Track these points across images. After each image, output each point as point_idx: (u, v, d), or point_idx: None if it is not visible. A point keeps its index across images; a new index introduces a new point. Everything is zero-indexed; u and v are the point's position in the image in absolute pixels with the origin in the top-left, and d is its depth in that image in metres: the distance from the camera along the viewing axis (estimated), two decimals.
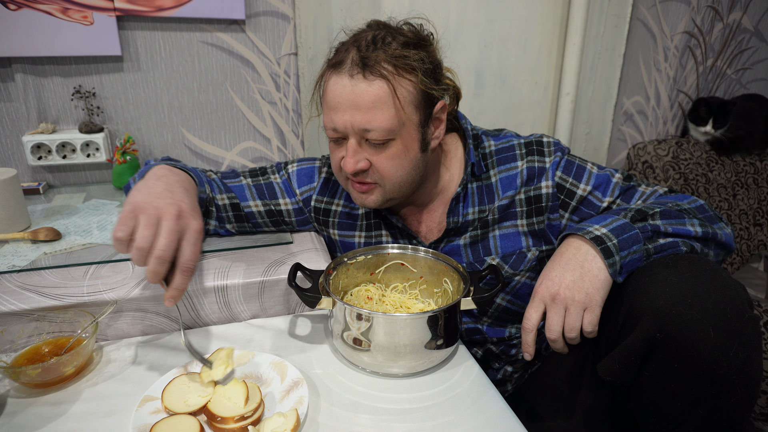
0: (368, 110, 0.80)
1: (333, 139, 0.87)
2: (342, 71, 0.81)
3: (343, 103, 0.81)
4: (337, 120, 0.83)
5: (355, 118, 0.81)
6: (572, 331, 0.74)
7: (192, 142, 1.47)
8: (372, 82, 0.80)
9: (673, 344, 0.65)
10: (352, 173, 0.85)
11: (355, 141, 0.84)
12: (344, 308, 0.75)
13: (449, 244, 0.97)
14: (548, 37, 1.74)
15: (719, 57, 1.93)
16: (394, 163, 0.85)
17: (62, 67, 1.30)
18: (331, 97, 0.83)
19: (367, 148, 0.84)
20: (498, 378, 1.03)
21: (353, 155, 0.84)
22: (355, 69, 0.80)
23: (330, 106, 0.83)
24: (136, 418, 0.64)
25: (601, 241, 0.74)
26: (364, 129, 0.81)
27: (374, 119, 0.81)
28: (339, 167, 0.89)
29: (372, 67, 0.80)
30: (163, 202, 0.74)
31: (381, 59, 0.80)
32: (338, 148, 0.87)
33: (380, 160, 0.85)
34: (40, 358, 0.73)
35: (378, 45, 0.81)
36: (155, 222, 0.71)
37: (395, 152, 0.85)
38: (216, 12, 1.34)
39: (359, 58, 0.80)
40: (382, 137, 0.82)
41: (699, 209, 0.83)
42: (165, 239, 0.70)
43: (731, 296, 0.65)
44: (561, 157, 0.93)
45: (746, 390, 0.65)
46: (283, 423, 0.63)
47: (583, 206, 0.91)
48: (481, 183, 0.96)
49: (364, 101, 0.80)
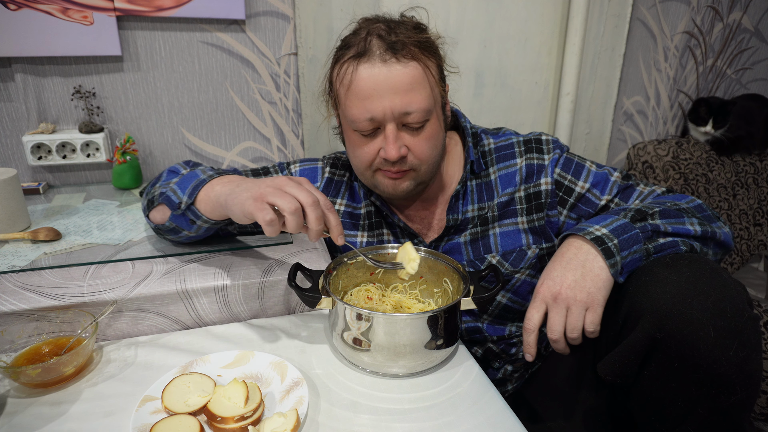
0: (407, 92, 0.80)
1: (366, 131, 0.84)
2: (372, 58, 0.80)
3: (380, 89, 0.80)
4: (374, 107, 0.81)
5: (395, 102, 0.80)
6: (574, 331, 0.74)
7: (192, 142, 1.47)
8: (406, 64, 0.80)
9: (673, 343, 0.65)
10: (395, 160, 0.84)
11: (394, 127, 0.82)
12: (344, 308, 0.75)
13: (449, 242, 0.97)
14: (548, 37, 1.74)
15: (719, 57, 1.93)
16: (430, 144, 0.85)
17: (62, 67, 1.30)
18: (364, 86, 0.81)
19: (404, 133, 0.84)
20: (498, 377, 1.03)
21: (395, 141, 0.83)
22: (387, 54, 0.79)
23: (363, 96, 0.81)
24: (136, 418, 0.64)
25: (602, 242, 0.74)
26: (404, 112, 0.81)
27: (414, 101, 0.80)
28: (369, 161, 0.87)
29: (402, 50, 0.79)
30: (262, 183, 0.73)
31: (408, 42, 0.80)
32: (369, 141, 0.85)
33: (418, 143, 0.84)
34: (40, 358, 0.73)
35: (397, 30, 0.81)
36: (281, 192, 0.71)
37: (430, 133, 0.85)
38: (216, 12, 1.34)
39: (386, 44, 0.80)
40: (421, 119, 0.82)
41: (697, 209, 0.83)
42: (303, 191, 0.70)
43: (731, 295, 0.65)
44: (560, 155, 0.94)
45: (746, 389, 0.65)
46: (283, 423, 0.63)
47: (581, 203, 0.91)
48: (481, 180, 0.96)
49: (402, 84, 0.80)
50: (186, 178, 0.85)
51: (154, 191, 0.91)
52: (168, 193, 0.85)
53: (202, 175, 0.84)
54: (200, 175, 0.84)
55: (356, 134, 0.86)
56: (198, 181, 0.82)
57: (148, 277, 0.86)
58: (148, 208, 0.92)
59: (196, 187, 0.82)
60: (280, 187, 0.71)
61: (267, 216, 0.69)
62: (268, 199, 0.70)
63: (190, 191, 0.82)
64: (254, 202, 0.70)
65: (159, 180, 0.93)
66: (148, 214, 0.94)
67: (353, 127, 0.85)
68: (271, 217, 0.69)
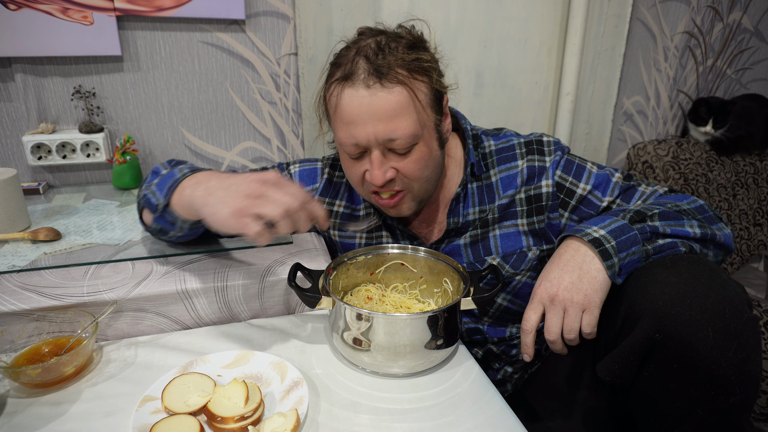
0: (391, 119, 0.78)
1: (353, 155, 0.84)
2: (356, 83, 0.78)
3: (363, 115, 0.78)
4: (358, 134, 0.80)
5: (378, 129, 0.79)
6: (571, 332, 0.74)
7: (192, 142, 1.47)
8: (391, 89, 0.77)
9: (672, 345, 0.65)
10: (381, 185, 0.83)
11: (379, 152, 0.81)
12: (344, 308, 0.75)
13: (450, 244, 0.97)
14: (548, 37, 1.74)
15: (719, 57, 1.93)
16: (420, 166, 0.84)
17: (62, 67, 1.30)
18: (348, 112, 0.79)
19: (391, 156, 0.83)
20: (498, 378, 1.03)
21: (380, 167, 0.82)
22: (371, 79, 0.77)
23: (347, 121, 0.80)
24: (136, 418, 0.64)
25: (599, 243, 0.74)
26: (388, 139, 0.79)
27: (398, 128, 0.79)
28: (362, 181, 0.87)
29: (387, 74, 0.77)
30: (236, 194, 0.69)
31: (394, 65, 0.78)
32: (358, 162, 0.85)
33: (407, 166, 0.83)
34: (40, 358, 0.73)
35: (385, 51, 0.79)
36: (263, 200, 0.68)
37: (420, 155, 0.83)
38: (216, 12, 1.34)
39: (372, 67, 0.77)
40: (407, 144, 0.80)
41: (698, 210, 0.83)
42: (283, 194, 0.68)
43: (730, 296, 0.65)
44: (561, 156, 0.93)
45: (745, 390, 0.65)
46: (283, 423, 0.63)
47: (583, 205, 0.91)
48: (482, 183, 0.96)
49: (386, 110, 0.78)
50: (164, 178, 0.84)
51: (139, 195, 0.91)
52: (149, 195, 0.84)
53: (177, 174, 0.81)
54: (176, 174, 0.81)
55: (345, 155, 0.87)
56: (172, 181, 0.80)
57: (148, 277, 0.86)
58: (139, 212, 0.93)
59: (171, 188, 0.80)
60: (258, 194, 0.68)
61: (255, 230, 0.66)
62: (252, 211, 0.67)
63: (165, 192, 0.80)
64: (237, 219, 0.67)
65: (145, 182, 0.92)
66: (141, 217, 0.94)
67: (342, 149, 0.85)
68: (259, 230, 0.66)
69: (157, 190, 0.83)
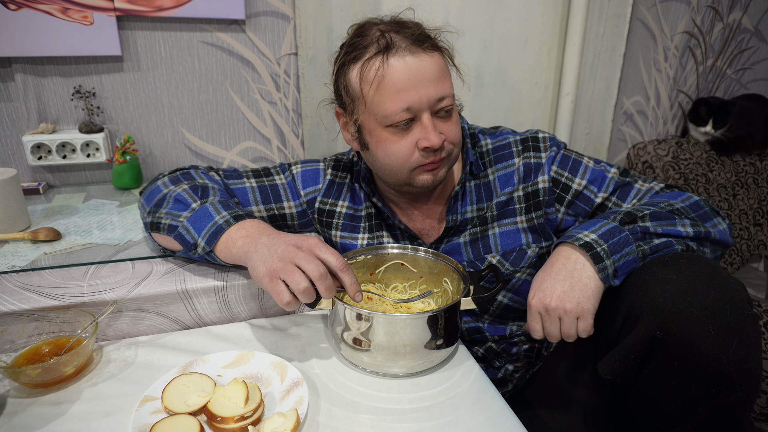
0: (438, 80, 0.83)
1: (402, 122, 0.84)
2: (400, 50, 0.82)
3: (414, 79, 0.82)
4: (412, 98, 0.82)
5: (430, 90, 0.82)
6: (569, 338, 0.76)
7: (192, 142, 1.47)
8: (432, 54, 0.83)
9: (672, 342, 0.65)
10: (439, 146, 0.85)
11: (429, 115, 0.84)
12: (344, 308, 0.75)
13: (449, 243, 0.97)
14: (548, 37, 1.74)
15: (719, 57, 1.93)
16: (458, 129, 0.89)
17: (62, 67, 1.30)
18: (398, 78, 0.82)
19: (436, 121, 0.86)
20: (499, 377, 1.03)
21: (434, 129, 0.84)
22: (413, 46, 0.82)
23: (398, 88, 0.82)
24: (136, 418, 0.64)
25: (590, 247, 0.75)
26: (439, 98, 0.83)
27: (445, 87, 0.84)
28: (407, 157, 0.86)
29: (426, 42, 0.83)
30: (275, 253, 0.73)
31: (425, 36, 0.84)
32: (404, 135, 0.85)
33: (450, 128, 0.87)
34: (40, 358, 0.73)
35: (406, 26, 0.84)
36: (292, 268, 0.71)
37: (456, 118, 0.88)
38: (216, 12, 1.34)
39: (410, 38, 0.82)
40: (451, 104, 0.85)
41: (693, 207, 0.83)
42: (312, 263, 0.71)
43: (730, 294, 0.66)
44: (557, 152, 0.94)
45: (746, 388, 0.65)
46: (283, 423, 0.63)
47: (579, 200, 0.92)
48: (479, 181, 0.96)
49: (433, 73, 0.83)
50: (198, 216, 0.83)
51: (159, 216, 0.86)
52: (180, 230, 0.83)
53: (216, 217, 0.82)
54: (214, 217, 0.82)
55: (389, 131, 0.85)
56: (215, 227, 0.81)
57: (148, 277, 0.86)
58: (151, 229, 0.88)
59: (215, 235, 0.81)
60: (291, 260, 0.72)
61: (284, 299, 0.71)
62: (280, 276, 0.71)
63: (208, 238, 0.81)
64: (270, 282, 0.72)
65: (164, 203, 0.88)
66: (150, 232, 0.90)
67: (386, 123, 0.84)
68: (288, 300, 0.71)
69: (192, 228, 0.83)
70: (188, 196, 0.87)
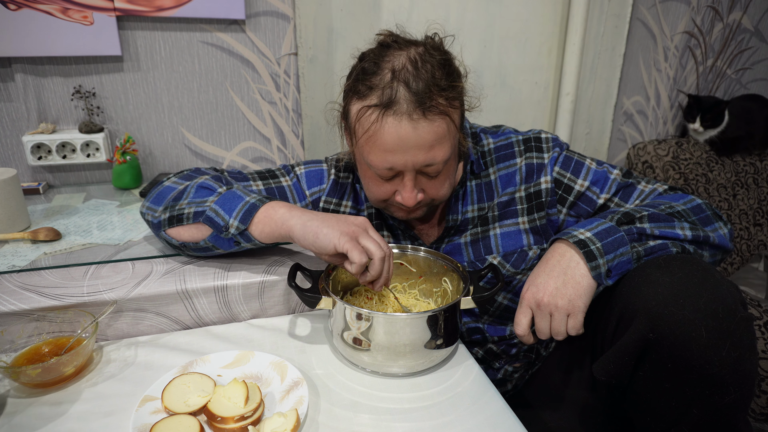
0: (430, 148, 0.79)
1: (384, 177, 0.84)
2: (399, 113, 0.77)
3: (404, 145, 0.79)
4: (396, 161, 0.80)
5: (417, 157, 0.80)
6: (558, 335, 0.75)
7: (192, 142, 1.47)
8: (433, 121, 0.78)
9: (665, 344, 0.66)
10: (414, 206, 0.85)
11: (413, 175, 0.83)
12: (344, 308, 0.75)
13: (450, 243, 0.97)
14: (548, 37, 1.74)
15: (719, 57, 1.93)
16: (446, 184, 0.87)
17: (62, 67, 1.30)
18: (389, 141, 0.79)
19: (421, 178, 0.84)
20: (498, 377, 1.03)
21: (412, 191, 0.83)
22: (416, 112, 0.77)
23: (387, 149, 0.79)
24: (136, 418, 0.64)
25: (584, 245, 0.75)
26: (426, 165, 0.81)
27: (436, 155, 0.80)
28: (385, 199, 0.88)
29: (431, 106, 0.77)
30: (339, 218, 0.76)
31: (435, 94, 0.77)
32: (388, 183, 0.85)
33: (434, 186, 0.85)
34: (40, 358, 0.73)
35: (421, 75, 0.78)
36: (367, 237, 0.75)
37: (446, 175, 0.85)
38: (216, 12, 1.34)
39: (415, 98, 0.77)
40: (440, 168, 0.83)
41: (694, 210, 0.83)
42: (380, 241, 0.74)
43: (723, 296, 0.65)
44: (559, 153, 0.94)
45: (740, 389, 0.65)
46: (283, 423, 0.63)
47: (581, 202, 0.92)
48: (480, 181, 0.96)
49: (427, 140, 0.79)
50: (227, 198, 0.82)
51: (180, 208, 0.84)
52: (209, 213, 0.81)
53: (246, 198, 0.82)
54: (245, 198, 0.82)
55: (372, 173, 0.86)
56: (248, 206, 0.81)
57: (148, 277, 0.86)
58: (169, 224, 0.86)
59: (249, 213, 0.80)
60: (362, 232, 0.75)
61: (363, 258, 0.72)
62: (361, 241, 0.73)
63: (241, 216, 0.80)
64: (349, 241, 0.73)
65: (183, 195, 0.86)
66: (166, 230, 0.87)
67: (371, 170, 0.85)
68: (366, 261, 0.73)
69: (222, 210, 0.81)
70: (213, 183, 0.87)
